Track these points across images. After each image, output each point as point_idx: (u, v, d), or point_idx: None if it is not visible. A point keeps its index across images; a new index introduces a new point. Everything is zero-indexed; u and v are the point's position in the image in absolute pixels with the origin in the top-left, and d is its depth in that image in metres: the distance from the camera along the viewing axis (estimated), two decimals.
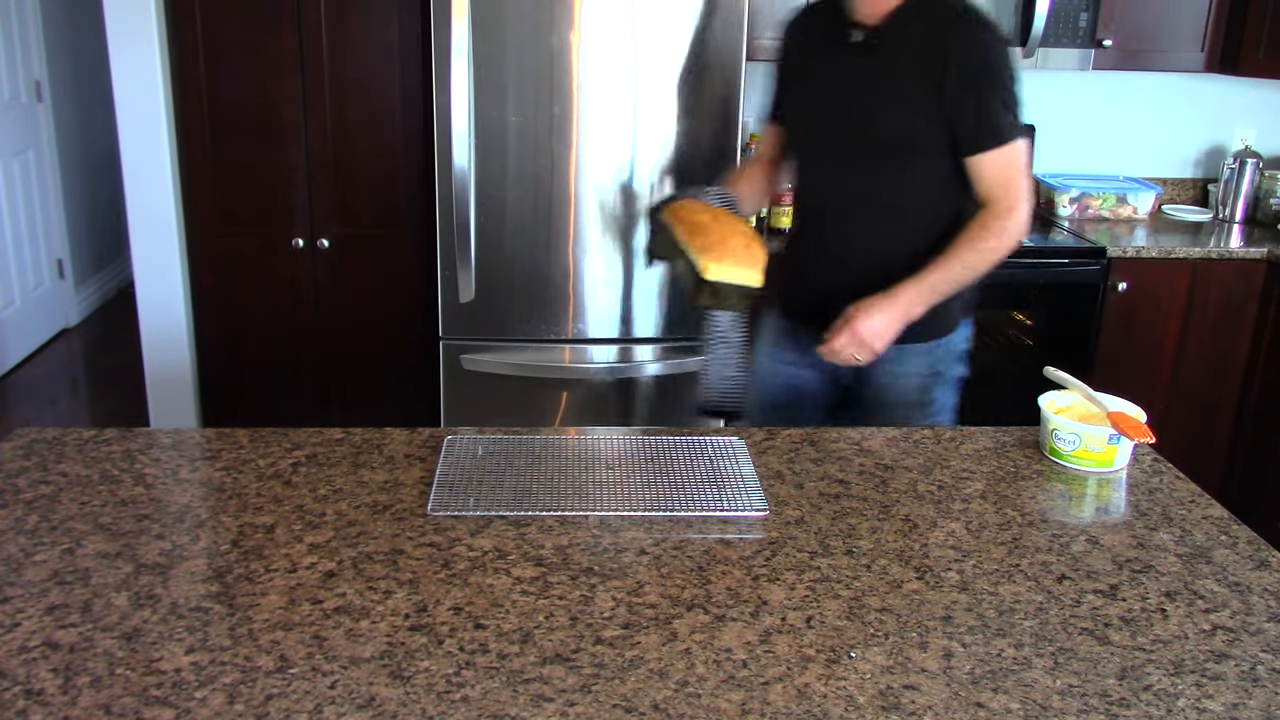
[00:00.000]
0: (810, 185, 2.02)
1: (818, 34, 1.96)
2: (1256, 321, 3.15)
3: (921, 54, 1.80)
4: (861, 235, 1.93)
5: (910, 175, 1.88)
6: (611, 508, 1.40)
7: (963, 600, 1.21)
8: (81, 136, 5.02)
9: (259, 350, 3.26)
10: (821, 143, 1.95)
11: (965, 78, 1.78)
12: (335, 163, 3.12)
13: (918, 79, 1.81)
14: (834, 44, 1.90)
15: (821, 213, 1.99)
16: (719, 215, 1.81)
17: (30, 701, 1.00)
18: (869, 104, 1.86)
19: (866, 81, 1.86)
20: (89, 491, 1.41)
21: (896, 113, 1.84)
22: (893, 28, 1.83)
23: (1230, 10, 3.21)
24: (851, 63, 1.87)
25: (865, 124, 1.87)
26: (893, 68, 1.84)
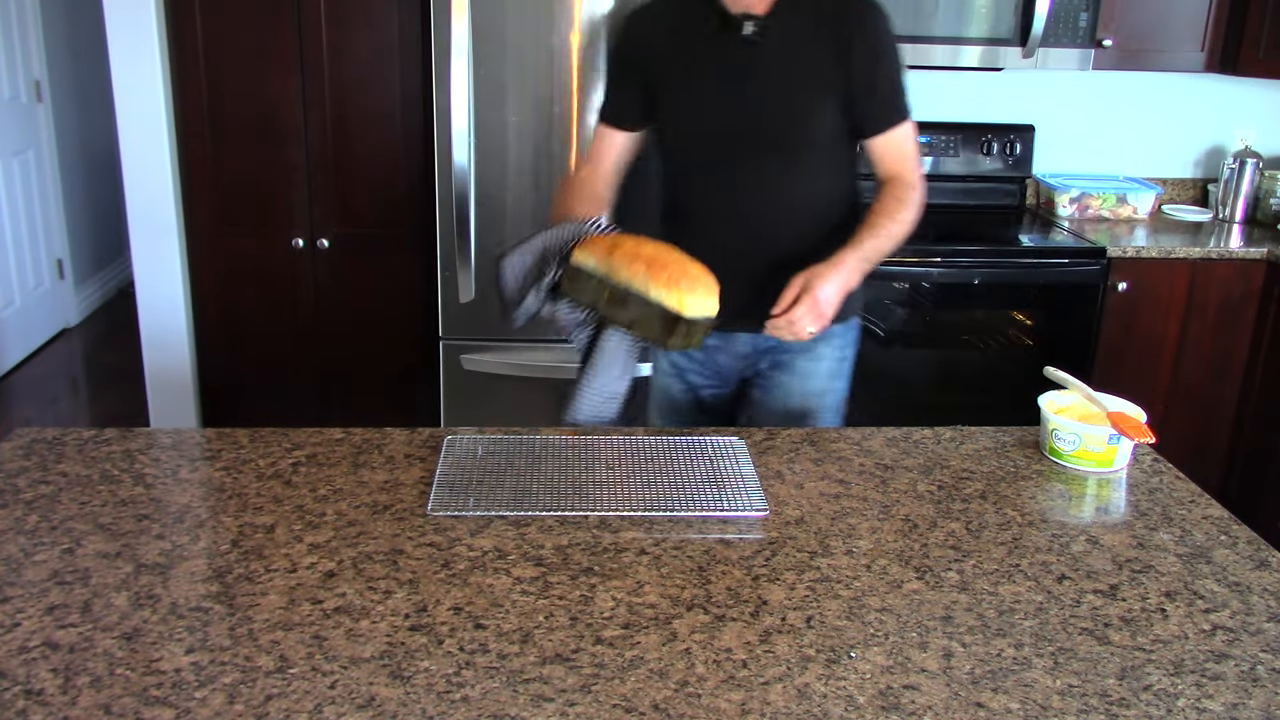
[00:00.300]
0: (701, 191, 1.89)
1: (692, 27, 1.82)
2: (1256, 321, 3.15)
3: (820, 36, 1.75)
4: (768, 237, 1.86)
5: (815, 169, 1.85)
6: (611, 508, 1.40)
7: (963, 600, 1.21)
8: (81, 136, 5.02)
9: (259, 350, 3.26)
10: (718, 145, 1.84)
11: (871, 53, 1.75)
12: (335, 163, 3.12)
13: (822, 63, 1.76)
14: (719, 38, 1.78)
15: (719, 218, 1.88)
16: (656, 244, 1.63)
17: (30, 701, 1.00)
18: (774, 98, 1.79)
19: (768, 75, 1.78)
20: (89, 491, 1.41)
21: (804, 103, 1.79)
22: (782, 13, 1.76)
23: (1230, 10, 3.21)
24: (746, 56, 1.78)
25: (771, 120, 1.80)
26: (793, 55, 1.77)
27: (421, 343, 3.17)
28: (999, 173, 3.53)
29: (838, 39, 1.75)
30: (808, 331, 1.67)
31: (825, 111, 1.79)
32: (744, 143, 1.81)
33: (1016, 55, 3.11)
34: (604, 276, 1.57)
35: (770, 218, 1.86)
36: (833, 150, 1.85)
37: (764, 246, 1.86)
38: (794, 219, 1.86)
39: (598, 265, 1.57)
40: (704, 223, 1.90)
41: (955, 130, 3.49)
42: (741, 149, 1.82)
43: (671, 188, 1.95)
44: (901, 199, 1.81)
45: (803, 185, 1.85)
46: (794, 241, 1.84)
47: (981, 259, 3.08)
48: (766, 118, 1.80)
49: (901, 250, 3.00)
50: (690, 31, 1.81)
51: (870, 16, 1.77)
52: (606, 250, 1.57)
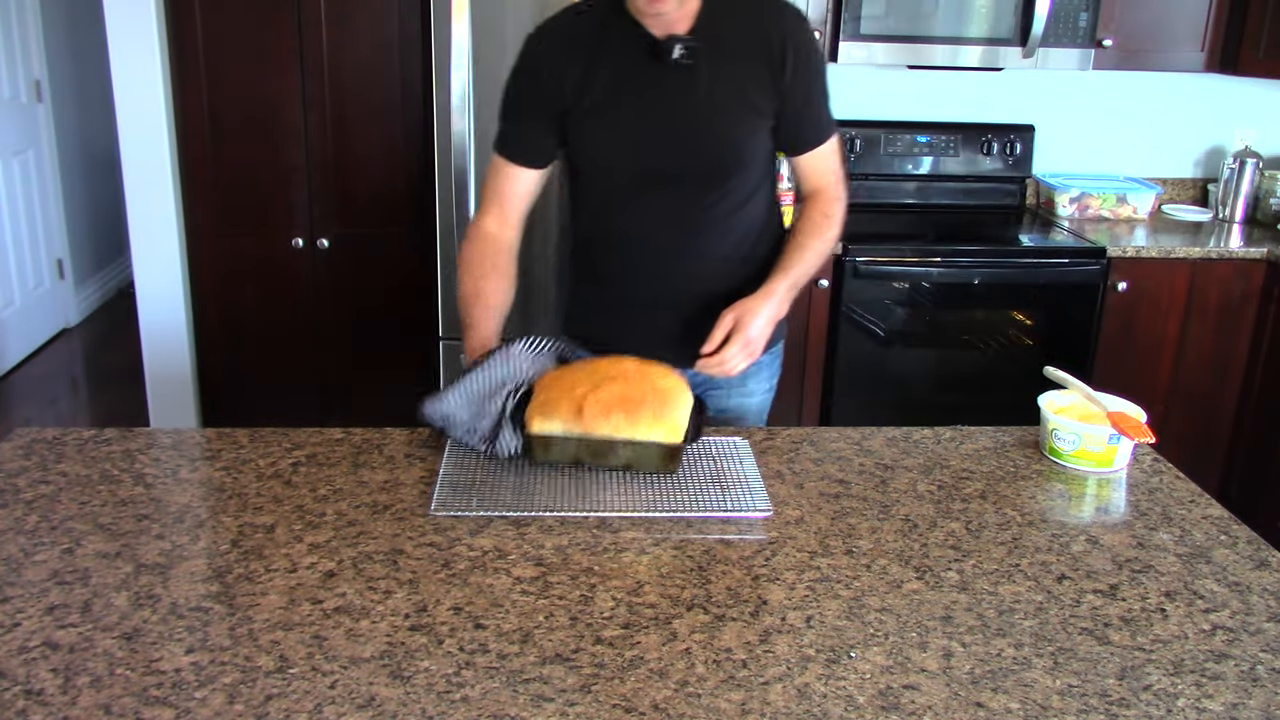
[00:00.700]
0: (625, 225, 1.76)
1: (611, 52, 1.67)
2: (1256, 321, 3.15)
3: (749, 53, 1.66)
4: (698, 268, 1.76)
5: (744, 193, 1.75)
6: (612, 508, 1.39)
7: (963, 600, 1.21)
8: (81, 136, 5.02)
9: (259, 350, 3.26)
10: (645, 176, 1.71)
11: (806, 70, 1.68)
12: (335, 163, 3.12)
13: (754, 83, 1.67)
14: (644, 63, 1.65)
15: (646, 253, 1.77)
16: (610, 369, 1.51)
17: (30, 701, 1.00)
18: (708, 124, 1.68)
19: (700, 100, 1.66)
20: (89, 491, 1.41)
21: (739, 128, 1.69)
22: (704, 30, 1.65)
23: (1230, 10, 3.21)
24: (675, 81, 1.65)
25: (705, 147, 1.69)
26: (724, 76, 1.66)
27: (421, 342, 3.17)
28: (999, 173, 3.53)
29: (770, 55, 1.66)
30: (738, 370, 1.64)
31: (759, 134, 1.72)
32: (674, 172, 1.70)
33: (1016, 55, 3.11)
34: (579, 436, 1.45)
35: (700, 248, 1.76)
36: (762, 172, 1.77)
37: (694, 278, 1.77)
38: (724, 247, 1.77)
39: (567, 428, 1.45)
40: (629, 258, 1.79)
41: (955, 130, 3.49)
42: (671, 178, 1.71)
43: (588, 223, 1.82)
44: (829, 215, 1.77)
45: (733, 211, 1.75)
46: (723, 269, 1.77)
47: (981, 259, 3.08)
48: (699, 145, 1.69)
49: (901, 250, 3.04)
50: (609, 56, 1.67)
51: (800, 29, 1.69)
52: (573, 411, 1.44)
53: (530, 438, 1.46)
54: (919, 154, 3.49)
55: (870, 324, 3.05)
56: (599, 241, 1.82)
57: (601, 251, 1.83)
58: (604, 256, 1.82)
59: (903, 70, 3.40)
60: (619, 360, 1.54)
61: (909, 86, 3.50)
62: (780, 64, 1.66)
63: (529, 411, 1.47)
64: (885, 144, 3.47)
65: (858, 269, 2.99)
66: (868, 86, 3.49)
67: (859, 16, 3.05)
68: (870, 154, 3.47)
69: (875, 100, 3.50)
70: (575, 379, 1.48)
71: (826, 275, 2.99)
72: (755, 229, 1.79)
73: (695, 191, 1.72)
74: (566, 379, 1.49)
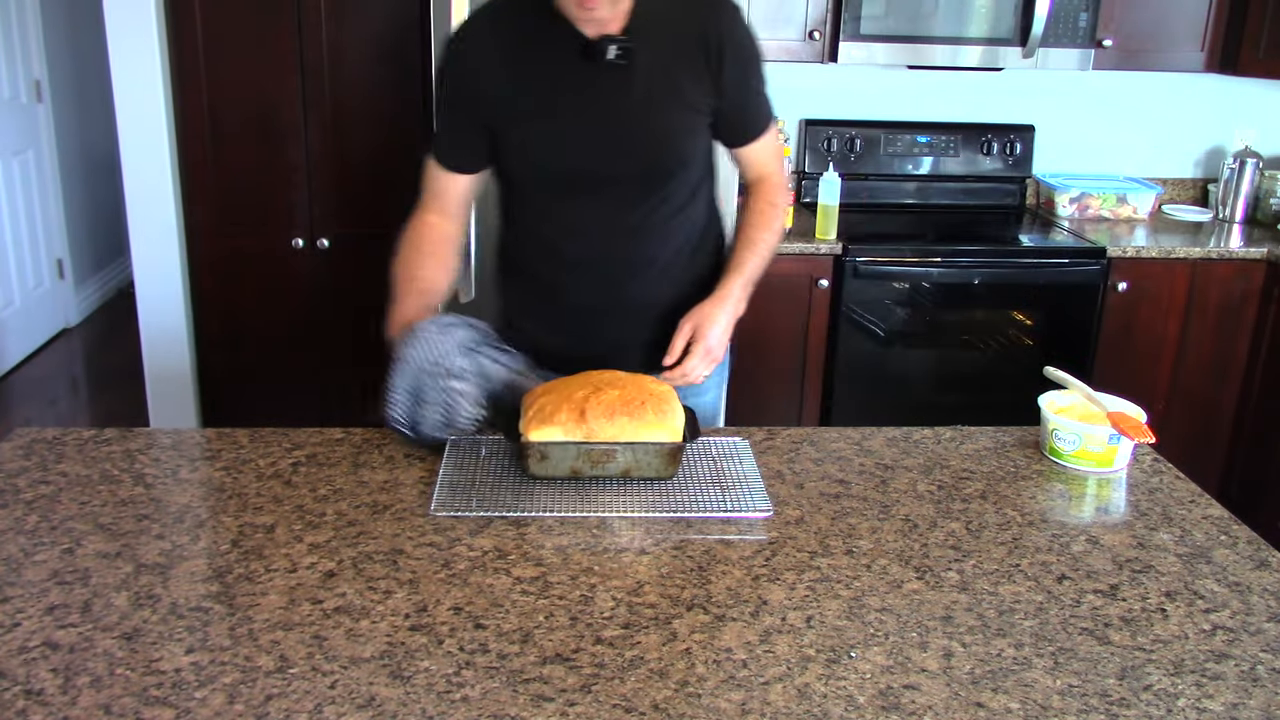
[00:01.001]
0: (562, 231, 1.71)
1: (540, 54, 1.62)
2: (1256, 321, 3.15)
3: (685, 50, 1.63)
4: (640, 272, 1.72)
5: (685, 192, 1.71)
6: (612, 508, 1.39)
7: (963, 600, 1.21)
8: (81, 136, 5.02)
9: (259, 350, 3.26)
10: (583, 181, 1.67)
11: (743, 63, 1.66)
12: (335, 163, 3.12)
13: (692, 80, 1.64)
14: (577, 64, 1.60)
15: (586, 258, 1.72)
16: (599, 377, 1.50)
17: (30, 701, 1.00)
18: (647, 126, 1.64)
19: (637, 101, 1.62)
20: (89, 491, 1.41)
21: (679, 126, 1.66)
22: (638, 29, 1.60)
23: (1230, 10, 3.21)
24: (611, 82, 1.61)
25: (645, 149, 1.65)
26: (661, 75, 1.62)
27: None
28: (999, 173, 3.53)
29: (706, 51, 1.63)
30: (702, 376, 1.63)
31: (698, 131, 1.68)
32: (612, 175, 1.66)
33: (1016, 55, 3.11)
34: (580, 442, 1.43)
35: (642, 253, 1.71)
36: (702, 171, 1.74)
37: (636, 284, 1.73)
38: (666, 251, 1.73)
39: (568, 433, 1.43)
40: (567, 265, 1.73)
41: (955, 130, 3.49)
42: (609, 181, 1.66)
43: (522, 230, 1.77)
44: (774, 203, 1.76)
45: (674, 214, 1.71)
46: (666, 274, 1.74)
47: (981, 259, 3.08)
48: (637, 146, 1.65)
49: (901, 250, 3.04)
50: (539, 58, 1.62)
51: (735, 21, 1.66)
52: (574, 414, 1.43)
53: (527, 448, 1.43)
54: (919, 154, 3.49)
55: (870, 324, 3.05)
56: (535, 248, 1.76)
57: (538, 258, 1.76)
58: (541, 263, 1.76)
59: (903, 70, 3.40)
60: (606, 371, 1.53)
61: (909, 86, 3.50)
62: (717, 59, 1.63)
63: (524, 422, 1.45)
64: (885, 144, 3.47)
65: (858, 269, 2.99)
66: (868, 86, 3.49)
67: (859, 16, 3.05)
68: (870, 154, 3.47)
69: (875, 100, 3.50)
70: (570, 387, 1.48)
71: (826, 275, 2.99)
72: (697, 231, 1.77)
73: (635, 194, 1.68)
74: (560, 388, 1.48)
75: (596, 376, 1.50)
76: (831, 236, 3.00)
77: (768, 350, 3.03)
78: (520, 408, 1.48)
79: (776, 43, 3.08)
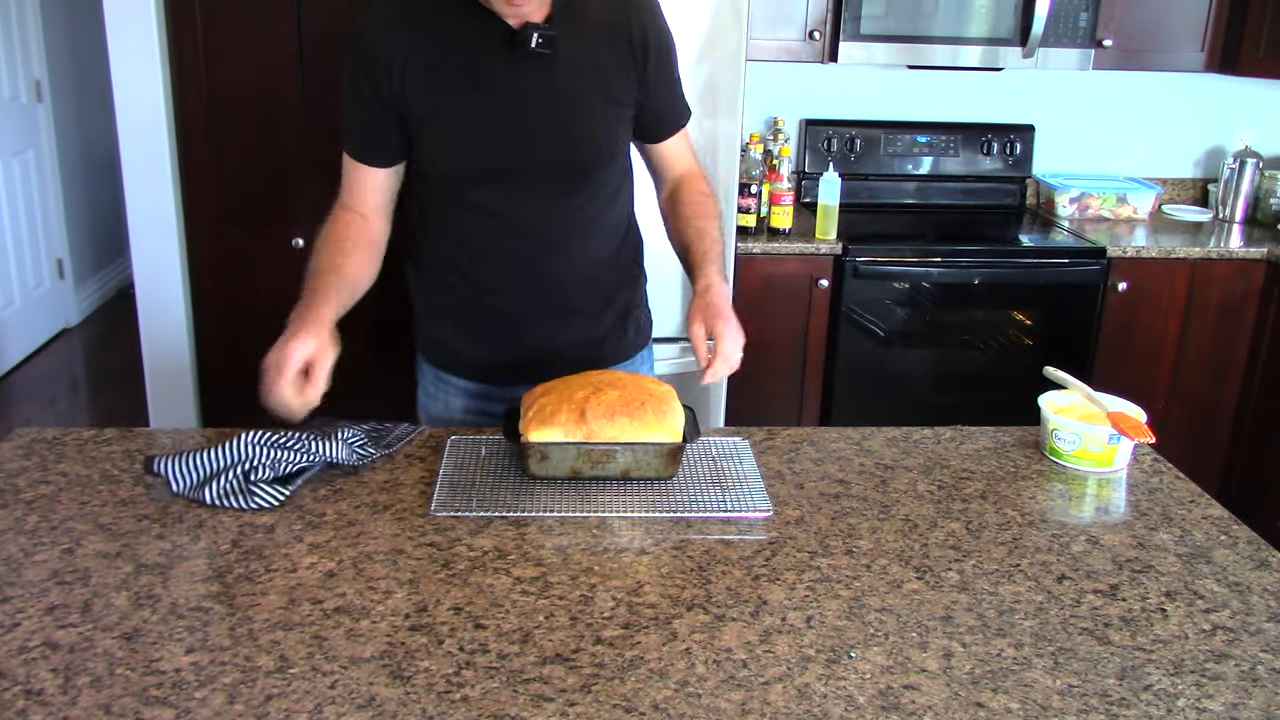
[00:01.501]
0: (482, 228, 1.65)
1: (456, 43, 1.56)
2: (1256, 321, 3.15)
3: (608, 41, 1.60)
4: (562, 268, 1.68)
5: (607, 186, 1.69)
6: (612, 508, 1.39)
7: (963, 600, 1.21)
8: (81, 136, 5.02)
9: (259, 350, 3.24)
10: (503, 175, 1.61)
11: (663, 56, 1.65)
12: (335, 163, 3.11)
13: (614, 72, 1.61)
14: (497, 54, 1.55)
15: (506, 256, 1.66)
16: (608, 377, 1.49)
17: (30, 701, 1.00)
18: (570, 117, 1.60)
19: (561, 92, 1.58)
20: (89, 491, 1.40)
21: (603, 118, 1.63)
22: (562, 20, 1.56)
23: (1230, 10, 3.22)
24: (533, 73, 1.56)
25: (568, 142, 1.61)
26: (584, 67, 1.59)
27: None
28: (999, 173, 3.53)
29: (631, 43, 1.61)
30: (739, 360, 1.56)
31: (622, 124, 1.65)
32: (536, 169, 1.61)
33: (1016, 55, 3.11)
34: (580, 443, 1.43)
35: (564, 247, 1.67)
36: (625, 166, 1.71)
37: (564, 284, 1.69)
38: (595, 248, 1.70)
39: (568, 434, 1.42)
40: (490, 267, 1.68)
41: (955, 130, 3.49)
42: (532, 176, 1.62)
43: (439, 232, 1.70)
44: (707, 193, 1.74)
45: (602, 210, 1.68)
46: (594, 273, 1.71)
47: (981, 259, 3.08)
48: (564, 139, 1.60)
49: (901, 250, 3.04)
50: (456, 48, 1.56)
51: (655, 15, 1.65)
52: (575, 415, 1.42)
53: (527, 449, 1.43)
54: (919, 154, 3.49)
55: (870, 324, 3.05)
56: (452, 248, 1.69)
57: (456, 259, 1.69)
58: (460, 264, 1.69)
59: (903, 70, 3.40)
60: (605, 371, 1.54)
61: (909, 86, 3.50)
62: (642, 52, 1.62)
63: (524, 423, 1.45)
64: (885, 144, 3.47)
65: (858, 269, 2.99)
66: (868, 86, 3.50)
67: (859, 16, 3.05)
68: (870, 154, 3.47)
69: (875, 100, 3.51)
70: (571, 388, 1.47)
71: (826, 275, 2.99)
72: (623, 228, 1.75)
73: (560, 190, 1.64)
74: (560, 388, 1.47)
75: (596, 377, 1.50)
76: (831, 236, 3.00)
77: (768, 350, 3.03)
78: (520, 408, 1.48)
79: (776, 43, 3.08)
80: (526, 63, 1.55)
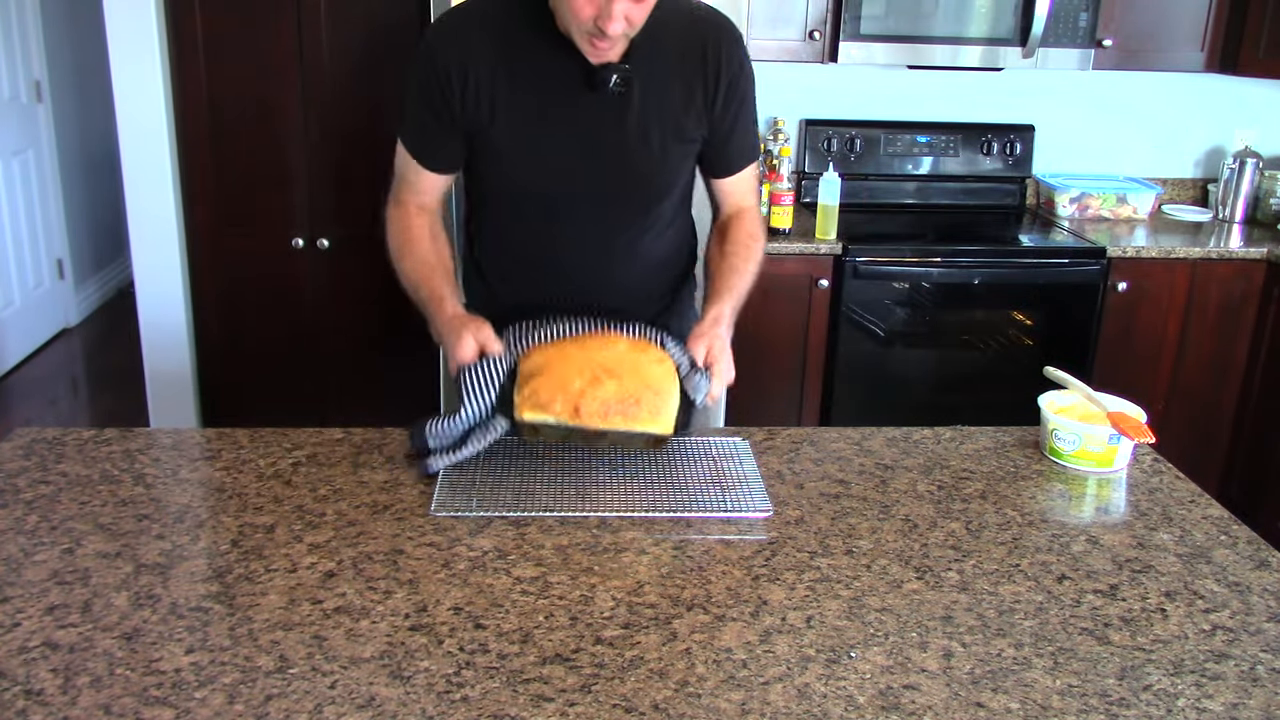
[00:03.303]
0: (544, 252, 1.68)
1: (533, 75, 1.56)
2: (1256, 321, 3.15)
3: (685, 77, 1.60)
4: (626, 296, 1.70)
5: (665, 219, 1.71)
6: (611, 508, 1.39)
7: (963, 600, 1.21)
8: (81, 136, 5.02)
9: (259, 350, 3.26)
10: (573, 206, 1.64)
11: (736, 94, 1.63)
12: (335, 163, 3.12)
13: (685, 109, 1.61)
14: (573, 90, 1.55)
15: (569, 282, 1.68)
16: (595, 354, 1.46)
17: (30, 701, 1.00)
18: (636, 153, 1.61)
19: (630, 128, 1.59)
20: (89, 491, 1.41)
21: (669, 155, 1.63)
22: (640, 56, 1.55)
23: (1230, 10, 3.21)
24: (606, 109, 1.57)
25: (631, 176, 1.62)
26: (657, 104, 1.59)
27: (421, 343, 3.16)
28: (999, 173, 3.53)
29: (705, 82, 1.60)
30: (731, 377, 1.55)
31: (687, 160, 1.67)
32: (596, 201, 1.64)
33: (1016, 55, 3.11)
34: (571, 427, 1.43)
35: (619, 278, 1.69)
36: (683, 195, 1.73)
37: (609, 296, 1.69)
38: (643, 276, 1.72)
39: (560, 422, 1.43)
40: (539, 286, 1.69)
41: (955, 130, 3.49)
42: (591, 206, 1.64)
43: (493, 245, 1.74)
44: (757, 237, 1.71)
45: (655, 239, 1.71)
46: (640, 299, 1.72)
47: (981, 259, 3.08)
48: (626, 177, 1.62)
49: (901, 250, 3.04)
50: (535, 77, 1.56)
51: (736, 51, 1.63)
52: (569, 409, 1.41)
53: (519, 424, 1.44)
54: (919, 154, 3.49)
55: (870, 324, 3.05)
56: (505, 265, 1.72)
57: (508, 276, 1.73)
58: (511, 282, 1.73)
59: (903, 70, 3.40)
60: (610, 341, 1.48)
61: (909, 86, 3.50)
62: (714, 91, 1.61)
63: (519, 401, 1.44)
64: (885, 144, 3.47)
65: (858, 269, 2.99)
66: (868, 86, 3.49)
67: (859, 16, 3.05)
68: (870, 154, 3.47)
69: (875, 100, 3.50)
70: (567, 372, 1.44)
71: (826, 275, 2.99)
72: (673, 256, 1.77)
73: (617, 221, 1.66)
74: (557, 369, 1.44)
75: (597, 355, 1.45)
76: (831, 236, 3.00)
77: (768, 350, 3.03)
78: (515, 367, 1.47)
79: (776, 43, 3.08)
80: (600, 99, 1.55)
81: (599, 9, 1.42)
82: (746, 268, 1.67)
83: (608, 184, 1.62)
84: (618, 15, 1.42)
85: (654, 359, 1.48)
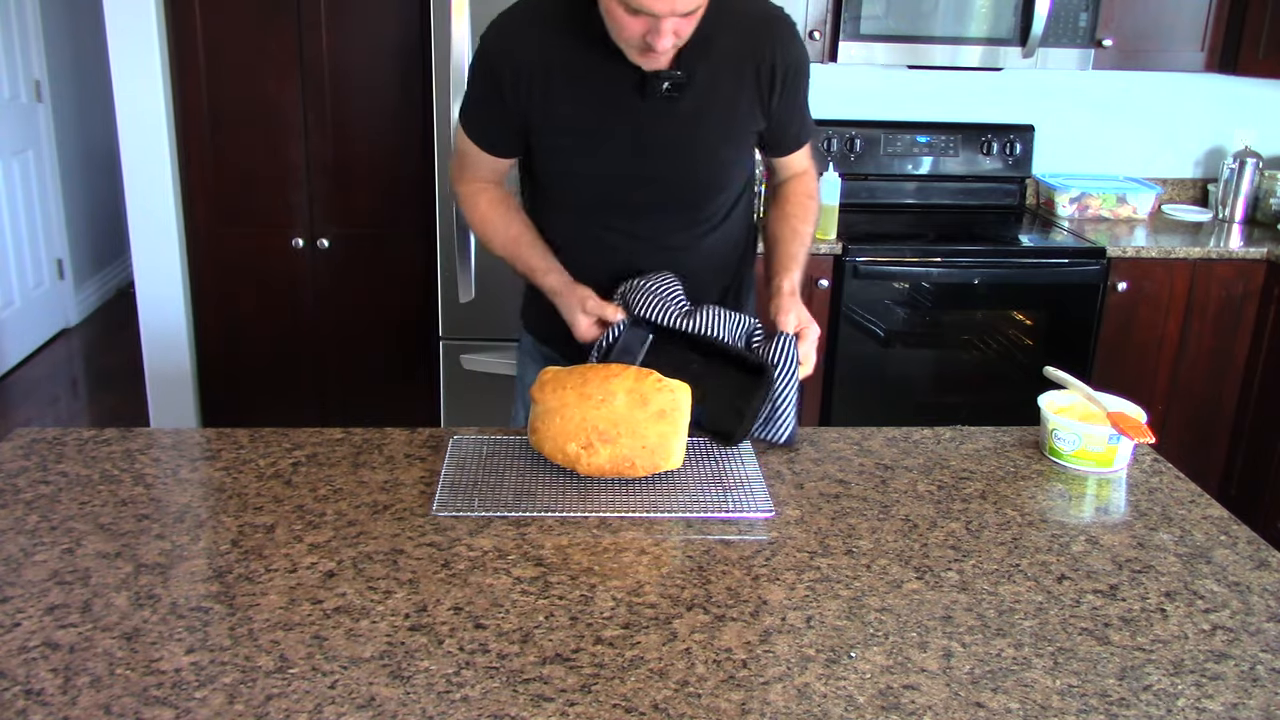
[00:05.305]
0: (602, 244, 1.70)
1: (586, 76, 1.58)
2: (1256, 321, 3.15)
3: (742, 72, 1.61)
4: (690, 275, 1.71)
5: (723, 211, 1.73)
6: (611, 508, 1.39)
7: (963, 600, 1.21)
8: (81, 136, 5.02)
9: (259, 350, 3.26)
10: (630, 202, 1.67)
11: (794, 84, 1.66)
12: (335, 163, 3.12)
13: (743, 104, 1.63)
14: (625, 91, 1.57)
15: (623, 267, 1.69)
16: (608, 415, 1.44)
17: (30, 701, 1.00)
18: (694, 150, 1.64)
19: (686, 127, 1.61)
20: (89, 491, 1.41)
21: (726, 151, 1.67)
22: (694, 57, 1.55)
23: (1230, 10, 3.21)
24: (662, 111, 1.58)
25: (688, 173, 1.65)
26: (713, 101, 1.61)
27: (421, 343, 3.17)
28: (999, 173, 3.53)
29: (759, 78, 1.62)
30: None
31: (744, 152, 1.70)
32: (649, 202, 1.67)
33: (1016, 55, 3.11)
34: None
35: (673, 263, 1.70)
36: (743, 185, 1.76)
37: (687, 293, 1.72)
38: (701, 268, 1.74)
39: None
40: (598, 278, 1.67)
41: (955, 130, 3.49)
42: (649, 204, 1.67)
43: (551, 233, 1.74)
44: (814, 195, 1.79)
45: (711, 231, 1.73)
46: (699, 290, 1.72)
47: (981, 259, 3.08)
48: (680, 179, 1.66)
49: (901, 250, 3.04)
50: (587, 79, 1.58)
51: (792, 44, 1.64)
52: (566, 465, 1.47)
53: None
54: (919, 154, 3.49)
55: (870, 324, 3.05)
56: (563, 255, 1.72)
57: (567, 265, 1.72)
58: (570, 271, 1.71)
59: (903, 70, 3.40)
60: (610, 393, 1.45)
61: (909, 86, 3.50)
62: (770, 85, 1.63)
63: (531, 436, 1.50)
64: (885, 144, 3.47)
65: (858, 269, 2.99)
66: (868, 86, 3.49)
67: (859, 16, 3.05)
68: (870, 154, 3.47)
69: (875, 100, 3.50)
70: (567, 425, 1.44)
71: (826, 275, 2.99)
72: (731, 245, 1.79)
73: (675, 217, 1.70)
74: (556, 427, 1.45)
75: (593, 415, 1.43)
76: (831, 236, 3.00)
77: None
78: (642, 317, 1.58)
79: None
80: (652, 104, 1.57)
81: (648, 25, 1.44)
82: (807, 228, 1.74)
83: (661, 187, 1.66)
84: (666, 32, 1.44)
85: (653, 412, 1.44)
